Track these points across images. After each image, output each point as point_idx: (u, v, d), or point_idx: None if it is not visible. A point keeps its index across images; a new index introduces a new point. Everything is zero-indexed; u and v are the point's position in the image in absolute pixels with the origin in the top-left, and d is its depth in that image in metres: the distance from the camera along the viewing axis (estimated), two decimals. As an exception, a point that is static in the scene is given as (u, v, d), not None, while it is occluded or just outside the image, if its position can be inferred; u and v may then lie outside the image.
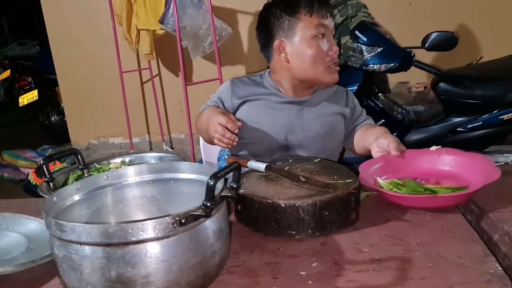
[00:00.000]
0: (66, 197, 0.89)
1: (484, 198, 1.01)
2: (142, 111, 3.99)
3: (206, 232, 0.75)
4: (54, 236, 0.74)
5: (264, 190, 1.00)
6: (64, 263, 0.73)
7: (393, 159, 1.18)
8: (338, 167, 1.12)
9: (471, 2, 3.39)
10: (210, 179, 0.71)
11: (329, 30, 1.33)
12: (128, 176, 0.97)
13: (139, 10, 3.16)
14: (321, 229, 0.93)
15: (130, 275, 0.70)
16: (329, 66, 1.34)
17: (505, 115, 2.32)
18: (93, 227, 0.69)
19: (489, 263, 0.79)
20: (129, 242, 0.69)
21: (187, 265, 0.72)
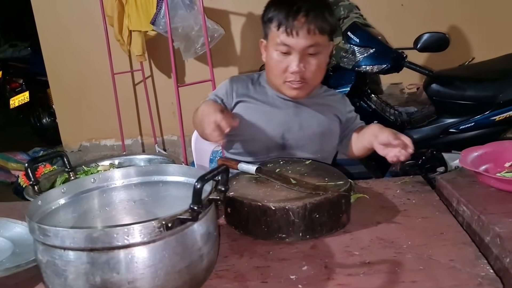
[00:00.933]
0: (52, 201, 0.87)
1: (475, 200, 1.01)
2: (134, 113, 3.97)
3: (194, 236, 0.74)
4: (37, 241, 0.72)
5: (254, 193, 0.99)
6: (48, 268, 0.71)
7: (496, 149, 1.20)
8: (329, 169, 1.11)
9: (463, 4, 3.40)
10: (197, 182, 0.70)
11: (296, 49, 1.25)
12: (115, 179, 0.95)
13: (130, 11, 3.14)
14: (312, 232, 0.92)
15: (115, 280, 0.68)
16: (286, 82, 1.31)
17: (497, 116, 2.32)
18: (77, 232, 0.67)
19: (481, 266, 0.78)
20: (114, 247, 0.67)
21: (174, 269, 0.71)
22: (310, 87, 1.34)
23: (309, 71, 1.29)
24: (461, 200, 1.04)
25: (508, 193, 1.02)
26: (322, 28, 1.26)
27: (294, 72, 1.27)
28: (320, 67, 1.31)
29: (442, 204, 1.06)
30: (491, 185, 1.06)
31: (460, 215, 1.03)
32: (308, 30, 1.24)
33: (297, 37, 1.24)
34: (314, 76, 1.31)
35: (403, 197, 1.11)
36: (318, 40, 1.26)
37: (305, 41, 1.25)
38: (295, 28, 1.24)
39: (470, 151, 1.19)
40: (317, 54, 1.28)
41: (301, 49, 1.26)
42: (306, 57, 1.27)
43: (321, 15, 1.26)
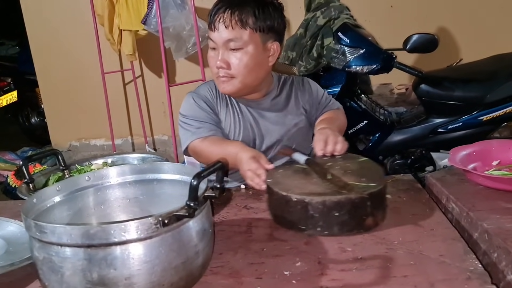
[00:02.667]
0: (46, 199, 0.87)
1: (464, 198, 1.03)
2: (125, 113, 3.95)
3: (190, 233, 0.75)
4: (34, 238, 0.73)
5: (288, 182, 1.02)
6: (45, 265, 0.72)
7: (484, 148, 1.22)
8: (376, 170, 1.08)
9: (451, 5, 3.44)
10: (193, 179, 0.71)
11: (217, 43, 1.29)
12: (110, 177, 0.96)
13: (121, 11, 3.12)
14: (330, 229, 0.93)
15: (112, 276, 0.69)
16: (217, 77, 1.34)
17: (484, 116, 2.36)
18: (74, 228, 0.68)
19: (469, 261, 0.80)
20: (111, 243, 0.68)
21: (170, 266, 0.72)
22: (240, 83, 1.33)
23: (233, 66, 1.30)
24: (450, 197, 1.06)
25: (496, 190, 1.05)
26: (241, 21, 1.27)
27: (217, 66, 1.31)
28: (247, 64, 1.30)
29: (432, 202, 1.08)
30: (479, 183, 1.09)
31: (449, 212, 1.06)
32: (225, 24, 1.27)
33: (217, 31, 1.29)
34: (240, 71, 1.30)
35: (394, 194, 1.13)
36: (238, 34, 1.27)
37: (223, 35, 1.28)
38: (215, 23, 1.29)
39: (459, 150, 1.22)
40: (240, 49, 1.29)
41: (222, 43, 1.29)
42: (228, 52, 1.30)
43: (243, 10, 1.27)
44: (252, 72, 1.32)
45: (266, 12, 1.30)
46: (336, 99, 2.42)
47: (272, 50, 1.35)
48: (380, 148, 2.55)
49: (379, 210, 0.96)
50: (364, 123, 2.53)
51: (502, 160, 1.19)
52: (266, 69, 1.37)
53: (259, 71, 1.34)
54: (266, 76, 1.40)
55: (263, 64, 1.34)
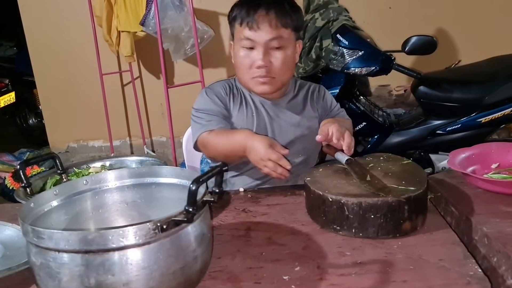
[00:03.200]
0: (44, 203, 0.86)
1: (463, 201, 1.03)
2: (123, 114, 3.94)
3: (188, 238, 0.74)
4: (31, 243, 0.72)
5: (326, 182, 1.02)
6: (42, 271, 0.71)
7: (484, 150, 1.22)
8: (418, 173, 1.05)
9: (450, 7, 3.45)
10: (192, 184, 0.70)
11: (258, 43, 1.28)
12: (108, 181, 0.95)
13: (119, 12, 3.12)
14: (365, 231, 0.92)
15: (110, 282, 0.68)
16: (253, 78, 1.32)
17: (483, 118, 2.36)
18: (72, 234, 0.67)
19: (469, 265, 0.80)
20: (109, 249, 0.67)
21: (168, 271, 0.71)
22: (278, 83, 1.34)
23: (275, 65, 1.30)
24: (449, 201, 1.06)
25: (495, 193, 1.05)
26: (284, 21, 1.28)
27: (260, 66, 1.29)
28: (286, 62, 1.32)
29: (431, 205, 1.08)
30: (479, 186, 1.08)
31: (448, 216, 1.05)
32: (270, 23, 1.27)
33: (259, 30, 1.27)
34: (280, 70, 1.32)
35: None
36: (281, 33, 1.29)
37: (267, 34, 1.27)
38: (256, 22, 1.27)
39: (458, 152, 1.22)
40: (281, 48, 1.30)
41: (264, 43, 1.28)
42: (270, 51, 1.30)
43: (282, 9, 1.29)
44: (289, 71, 1.36)
45: (297, 12, 1.34)
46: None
47: (298, 48, 1.39)
48: (378, 149, 2.55)
49: (418, 215, 0.94)
50: (362, 125, 2.53)
51: (501, 163, 1.19)
52: (294, 67, 1.41)
53: (292, 69, 1.39)
54: (292, 75, 1.42)
55: (294, 62, 1.39)
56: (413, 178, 1.00)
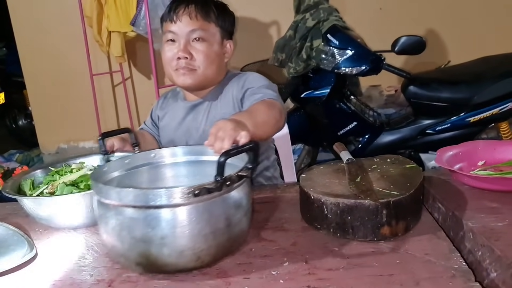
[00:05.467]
0: (115, 169, 1.02)
1: (450, 198, 1.04)
2: (114, 114, 3.93)
3: (221, 206, 0.83)
4: (95, 198, 0.86)
5: (318, 180, 1.03)
6: (102, 221, 0.85)
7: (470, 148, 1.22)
8: (415, 179, 1.00)
9: (439, 8, 3.48)
10: (221, 156, 0.79)
11: (179, 35, 1.32)
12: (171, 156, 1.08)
13: (110, 12, 3.12)
14: (343, 232, 0.91)
15: (150, 235, 0.79)
16: (175, 70, 1.35)
17: (472, 117, 2.40)
18: (122, 191, 0.80)
19: (454, 259, 0.81)
20: (149, 206, 0.78)
21: (200, 233, 0.80)
22: (200, 76, 1.35)
23: (196, 57, 1.33)
24: (436, 197, 1.07)
25: (481, 190, 1.06)
26: (204, 14, 1.33)
27: (180, 57, 1.32)
28: (209, 55, 1.34)
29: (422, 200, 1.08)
30: (465, 183, 1.10)
31: (435, 212, 1.06)
32: (190, 15, 1.32)
33: (180, 22, 1.32)
34: (202, 63, 1.33)
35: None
36: (202, 25, 1.33)
37: (187, 25, 1.32)
38: (177, 15, 1.32)
39: (446, 150, 1.23)
40: (203, 41, 1.33)
41: (185, 34, 1.32)
42: (192, 44, 1.33)
43: (205, 5, 1.35)
44: (212, 64, 1.36)
45: (224, 12, 1.39)
46: (326, 100, 2.48)
47: (227, 48, 1.41)
48: (369, 149, 2.57)
49: (399, 221, 0.90)
50: (353, 125, 2.55)
51: (487, 160, 1.21)
52: (222, 65, 1.42)
53: (218, 64, 1.39)
54: (222, 73, 1.43)
55: (221, 58, 1.40)
56: (404, 183, 0.97)
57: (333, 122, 2.57)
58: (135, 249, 0.81)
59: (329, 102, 2.49)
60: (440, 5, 3.48)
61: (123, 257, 0.84)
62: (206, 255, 0.83)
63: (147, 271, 0.84)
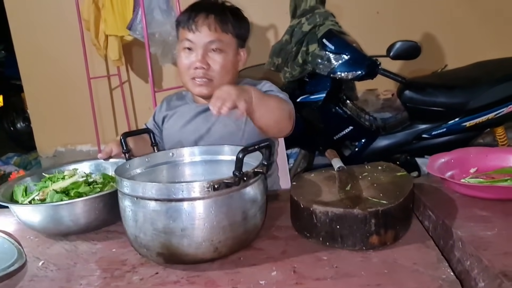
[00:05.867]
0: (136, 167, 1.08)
1: (440, 206, 1.04)
2: (111, 118, 3.93)
3: (239, 200, 0.88)
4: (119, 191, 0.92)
5: (308, 188, 1.03)
6: (125, 213, 0.90)
7: (462, 155, 1.22)
8: (404, 186, 1.00)
9: (437, 12, 3.49)
10: (239, 153, 0.84)
11: (197, 44, 1.34)
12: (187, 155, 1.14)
13: (107, 16, 3.12)
14: (332, 240, 0.91)
15: (171, 227, 0.84)
16: (192, 79, 1.37)
17: (467, 122, 2.39)
18: (145, 184, 0.85)
19: (442, 269, 0.81)
20: (171, 199, 0.83)
21: (218, 225, 0.86)
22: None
23: (213, 68, 1.35)
24: (427, 205, 1.07)
25: (472, 198, 1.06)
26: (223, 26, 1.35)
27: (197, 67, 1.34)
28: (225, 66, 1.36)
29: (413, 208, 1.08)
30: (456, 191, 1.10)
31: (426, 220, 1.06)
32: (209, 26, 1.33)
33: (198, 32, 1.33)
34: (219, 74, 1.36)
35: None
36: (220, 37, 1.35)
37: (206, 37, 1.34)
38: (196, 24, 1.34)
39: (437, 157, 1.23)
40: (220, 52, 1.35)
41: (203, 45, 1.34)
42: (209, 54, 1.35)
43: (223, 15, 1.36)
44: (228, 75, 1.39)
45: (241, 21, 1.40)
46: (322, 105, 2.48)
47: (241, 56, 1.44)
48: (365, 153, 2.56)
49: (387, 230, 0.90)
50: (349, 129, 2.55)
51: (479, 168, 1.21)
52: (236, 73, 1.45)
53: (233, 74, 1.42)
54: (235, 81, 1.46)
55: (235, 68, 1.43)
56: (394, 192, 0.97)
57: (329, 127, 2.56)
58: (157, 240, 0.86)
59: (325, 107, 2.49)
60: (437, 10, 3.48)
61: (145, 247, 0.89)
62: (223, 246, 0.88)
63: (167, 262, 0.89)
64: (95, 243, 1.04)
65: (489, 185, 1.05)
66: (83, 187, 1.10)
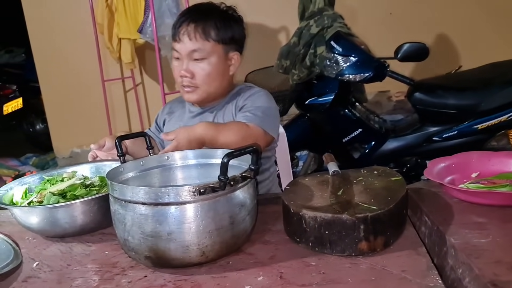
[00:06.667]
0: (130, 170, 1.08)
1: (436, 211, 1.02)
2: (125, 120, 3.98)
3: (226, 205, 0.88)
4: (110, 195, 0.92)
5: (300, 193, 1.03)
6: (115, 216, 0.92)
7: (464, 160, 1.20)
8: (397, 192, 0.98)
9: (450, 12, 3.43)
10: (224, 157, 0.83)
11: (181, 54, 1.37)
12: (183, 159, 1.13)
13: (120, 19, 3.17)
14: (321, 246, 0.90)
15: (157, 230, 0.85)
16: (181, 86, 1.41)
17: (479, 124, 2.34)
18: (133, 188, 0.86)
19: (431, 277, 0.79)
20: (158, 203, 0.84)
21: (204, 230, 0.86)
22: (204, 92, 1.40)
23: (197, 76, 1.38)
24: (423, 210, 1.05)
25: (470, 204, 1.04)
26: (204, 34, 1.36)
27: (182, 75, 1.38)
28: (210, 73, 1.38)
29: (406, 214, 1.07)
30: (454, 196, 1.08)
31: (423, 225, 1.05)
32: (189, 35, 1.35)
33: (181, 42, 1.37)
34: (203, 82, 1.38)
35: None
36: (201, 45, 1.36)
37: (187, 46, 1.36)
38: (179, 34, 1.37)
39: (438, 161, 1.21)
40: (203, 60, 1.37)
41: (186, 54, 1.37)
42: (193, 62, 1.37)
43: (206, 23, 1.36)
44: (215, 81, 1.40)
45: (227, 24, 1.39)
46: (329, 107, 2.47)
47: (233, 60, 1.43)
48: (375, 156, 2.54)
49: (377, 236, 0.88)
50: (358, 132, 2.52)
51: (481, 172, 1.18)
52: (228, 78, 1.45)
53: (221, 80, 1.42)
54: (228, 85, 1.47)
55: (225, 73, 1.43)
56: (386, 197, 0.95)
57: (337, 129, 2.55)
58: (144, 244, 0.86)
59: (333, 109, 2.47)
60: (451, 10, 3.42)
61: (133, 251, 0.89)
62: (211, 250, 0.88)
63: (155, 265, 0.90)
64: (89, 245, 1.05)
65: (486, 191, 1.02)
66: (80, 189, 1.12)
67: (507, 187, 1.02)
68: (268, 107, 1.38)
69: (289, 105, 2.64)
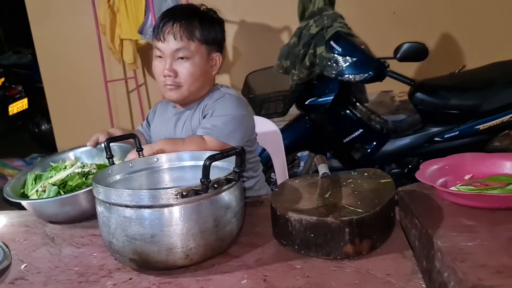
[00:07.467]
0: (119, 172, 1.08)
1: (426, 214, 1.01)
2: (129, 120, 4.00)
3: (210, 208, 0.88)
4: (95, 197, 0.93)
5: (288, 195, 1.03)
6: (100, 218, 0.92)
7: (457, 161, 1.19)
8: (385, 194, 0.98)
9: (454, 11, 3.40)
10: (206, 160, 0.84)
11: (165, 53, 1.37)
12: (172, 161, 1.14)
13: (121, 20, 3.18)
14: (307, 249, 0.90)
15: (141, 233, 0.85)
16: (163, 85, 1.41)
17: (481, 125, 2.32)
18: (116, 191, 0.87)
19: (415, 280, 0.79)
20: (140, 206, 0.84)
21: (188, 232, 0.86)
22: (185, 92, 1.41)
23: (180, 75, 1.38)
24: (414, 213, 1.04)
25: (461, 206, 1.02)
26: (189, 34, 1.37)
27: (165, 74, 1.38)
28: (193, 73, 1.39)
29: (394, 218, 1.06)
30: (445, 198, 1.06)
31: (413, 228, 1.03)
32: (174, 34, 1.36)
33: (166, 41, 1.37)
34: (186, 81, 1.39)
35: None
36: (186, 45, 1.37)
37: (172, 45, 1.36)
38: (163, 33, 1.37)
39: (430, 163, 1.19)
40: (187, 59, 1.38)
41: (170, 53, 1.37)
42: (176, 61, 1.38)
43: (191, 23, 1.38)
44: (198, 81, 1.41)
45: (210, 26, 1.41)
46: (330, 107, 2.46)
47: (214, 61, 1.45)
48: (376, 157, 2.52)
49: (362, 239, 0.88)
50: (359, 132, 2.51)
51: (475, 174, 1.16)
52: (210, 78, 1.47)
53: (204, 80, 1.43)
54: (209, 85, 1.48)
55: (207, 73, 1.44)
56: (372, 200, 0.94)
57: (338, 129, 2.53)
58: (128, 246, 0.87)
59: (333, 109, 2.46)
60: (455, 9, 3.39)
61: (118, 253, 0.90)
62: (195, 253, 0.88)
63: (140, 267, 0.90)
64: (79, 246, 1.06)
65: (476, 194, 1.01)
66: (77, 180, 1.16)
67: (497, 190, 1.01)
68: (231, 116, 1.37)
69: (289, 106, 2.63)
